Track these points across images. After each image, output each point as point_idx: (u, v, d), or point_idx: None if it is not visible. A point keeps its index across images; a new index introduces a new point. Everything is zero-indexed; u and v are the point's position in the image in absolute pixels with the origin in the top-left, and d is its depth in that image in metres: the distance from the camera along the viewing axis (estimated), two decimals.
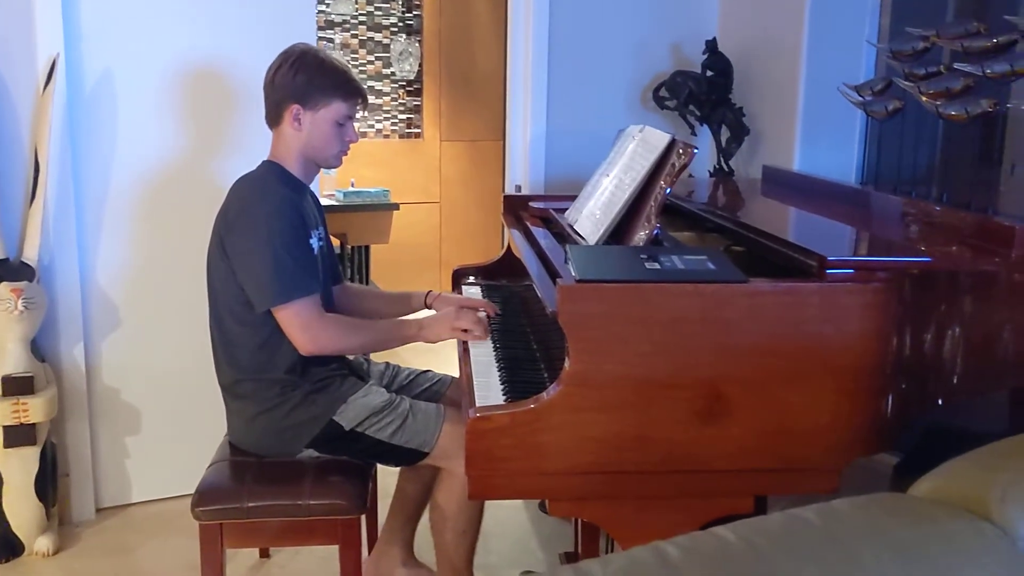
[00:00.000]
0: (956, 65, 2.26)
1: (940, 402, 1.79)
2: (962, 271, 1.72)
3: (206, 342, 2.22)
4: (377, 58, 5.80)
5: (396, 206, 4.80)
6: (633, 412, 1.59)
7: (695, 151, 1.88)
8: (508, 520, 2.98)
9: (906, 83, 2.40)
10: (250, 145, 2.89)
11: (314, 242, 2.16)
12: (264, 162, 2.20)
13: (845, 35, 3.08)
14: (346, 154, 2.22)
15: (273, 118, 2.17)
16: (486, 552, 2.72)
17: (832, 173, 3.07)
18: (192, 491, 2.08)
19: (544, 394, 1.60)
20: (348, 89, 2.15)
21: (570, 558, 2.64)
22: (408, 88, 5.89)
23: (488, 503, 2.26)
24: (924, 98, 2.30)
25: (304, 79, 2.11)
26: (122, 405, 2.97)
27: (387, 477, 2.46)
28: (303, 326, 2.06)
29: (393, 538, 2.48)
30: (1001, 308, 1.78)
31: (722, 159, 3.35)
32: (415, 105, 5.92)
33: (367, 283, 4.88)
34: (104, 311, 2.91)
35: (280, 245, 2.03)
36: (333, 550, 2.14)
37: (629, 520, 1.69)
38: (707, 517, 1.68)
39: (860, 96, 2.63)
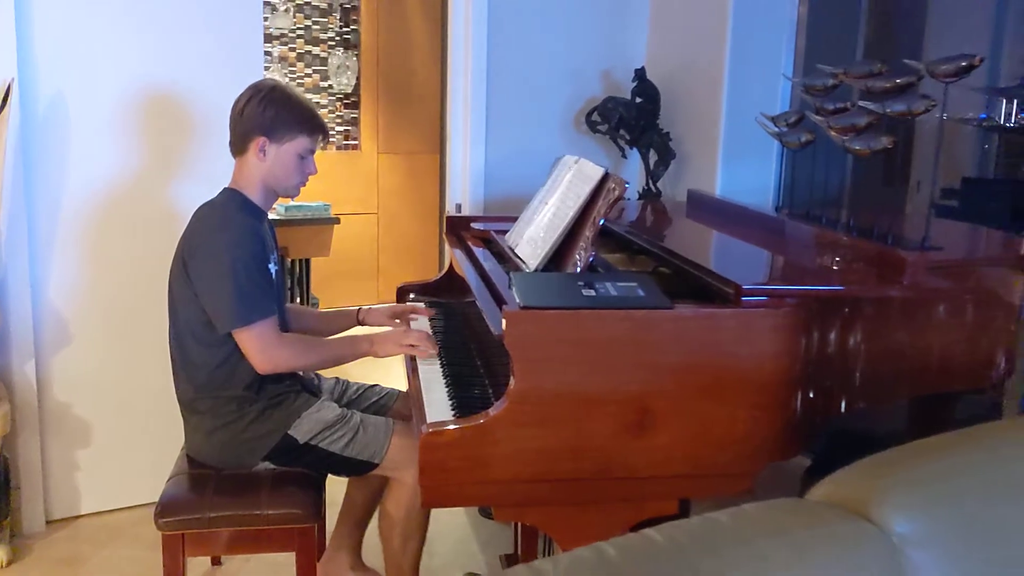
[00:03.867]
0: (861, 103, 2.47)
1: (843, 410, 2.00)
2: (861, 296, 1.93)
3: (155, 358, 2.31)
4: (315, 71, 5.90)
5: (336, 220, 4.91)
6: (571, 426, 1.74)
7: (627, 185, 2.06)
8: (450, 525, 3.13)
9: (817, 117, 2.60)
10: (201, 167, 3.01)
11: (271, 266, 2.28)
12: (226, 189, 2.30)
13: (763, 68, 3.31)
14: (304, 185, 2.34)
15: (238, 148, 2.28)
16: (429, 555, 2.85)
17: (751, 194, 3.29)
18: (140, 502, 2.18)
19: (491, 410, 1.75)
20: (313, 125, 2.27)
21: (510, 560, 2.80)
22: (346, 101, 6.00)
23: (432, 510, 2.40)
24: (833, 132, 2.50)
25: (272, 113, 2.22)
26: (72, 419, 3.03)
27: (333, 486, 2.58)
28: (262, 347, 2.17)
29: (342, 544, 2.60)
30: (896, 328, 2.00)
31: (650, 180, 3.55)
32: (352, 118, 6.03)
33: (308, 295, 4.97)
34: (56, 328, 2.97)
35: (242, 270, 2.14)
36: (283, 557, 2.26)
37: (567, 523, 1.84)
38: (637, 518, 1.85)
39: (776, 127, 2.84)
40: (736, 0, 3.30)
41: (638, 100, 3.52)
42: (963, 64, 2.18)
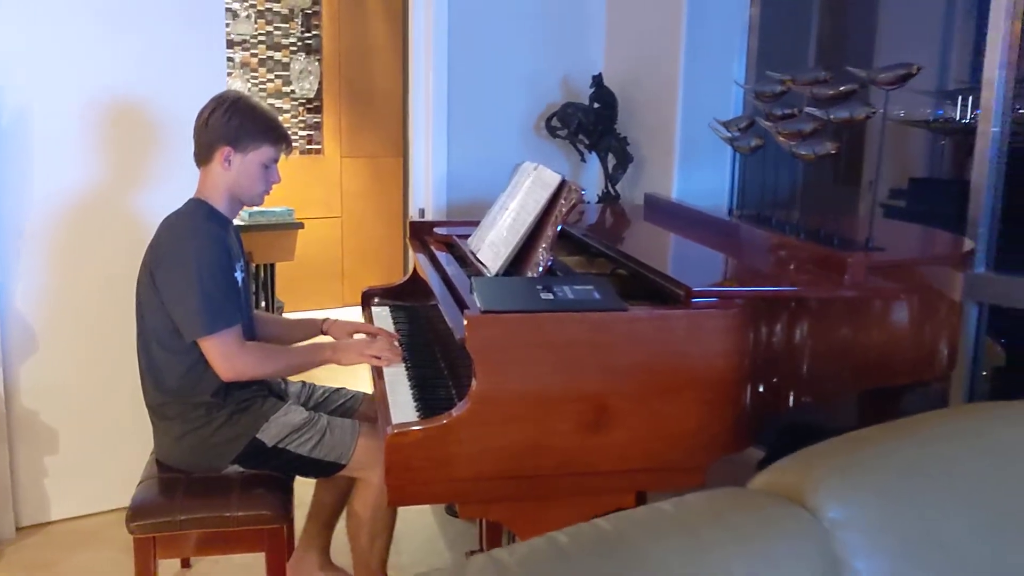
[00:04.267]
0: (807, 109, 2.57)
1: (791, 404, 2.10)
2: (806, 296, 2.02)
3: (122, 365, 2.35)
4: (277, 76, 5.93)
5: (300, 225, 4.94)
6: (531, 424, 1.82)
7: (582, 191, 2.14)
8: (417, 523, 3.19)
9: (766, 123, 2.70)
10: (165, 173, 3.05)
11: (238, 274, 2.33)
12: (191, 199, 2.35)
13: (717, 73, 3.41)
14: (268, 193, 2.39)
15: (203, 157, 2.32)
16: (397, 553, 2.91)
17: (707, 197, 3.39)
18: (110, 507, 2.22)
19: (453, 411, 1.81)
20: (277, 135, 2.33)
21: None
22: (308, 106, 6.03)
23: (399, 509, 2.46)
24: (780, 137, 2.60)
25: (237, 123, 2.27)
26: (41, 426, 3.06)
27: (301, 487, 2.63)
28: (225, 355, 2.22)
29: (311, 544, 2.66)
30: (840, 325, 2.10)
31: (609, 184, 3.64)
32: (315, 122, 6.07)
33: (273, 300, 5.00)
34: (23, 336, 2.99)
35: (208, 279, 2.19)
36: (251, 558, 2.32)
37: (529, 517, 1.92)
38: (595, 512, 1.90)
39: (728, 132, 2.94)
40: (690, 6, 3.40)
41: (596, 106, 3.60)
42: (902, 72, 2.29)
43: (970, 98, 3.84)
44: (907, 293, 2.24)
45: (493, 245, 2.32)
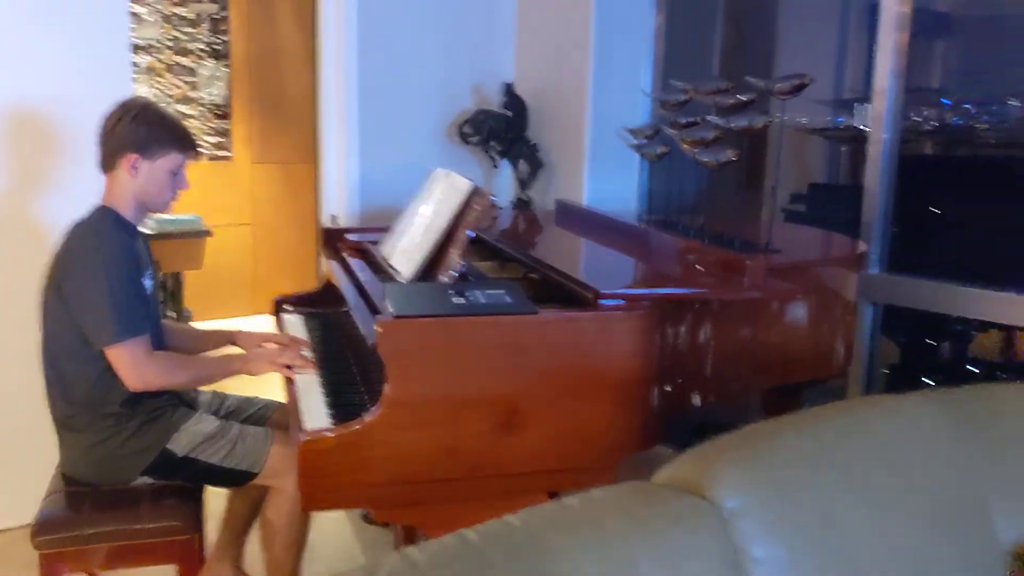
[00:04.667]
0: (709, 118, 2.66)
1: (696, 403, 2.17)
2: (707, 298, 2.10)
3: (24, 377, 2.29)
4: (184, 82, 5.82)
5: (208, 232, 4.86)
6: (444, 428, 1.85)
7: (492, 198, 2.19)
8: (332, 531, 3.18)
9: (671, 131, 2.79)
10: (68, 179, 2.98)
11: (147, 282, 2.29)
12: (98, 207, 2.30)
13: (624, 82, 3.49)
14: (176, 200, 2.37)
15: (109, 164, 2.28)
16: (311, 561, 2.88)
17: (616, 203, 3.47)
18: (13, 524, 2.16)
19: (366, 416, 1.83)
20: (185, 143, 2.31)
21: None
22: (217, 112, 5.93)
23: (314, 516, 2.46)
24: (685, 145, 2.69)
25: (145, 131, 2.24)
26: None
27: (214, 498, 2.60)
28: (132, 365, 2.18)
29: (223, 555, 2.63)
30: (741, 325, 2.19)
31: (521, 190, 3.69)
32: (224, 128, 5.97)
33: (181, 309, 4.91)
34: None
35: (117, 288, 2.15)
36: (162, 571, 2.28)
37: (443, 520, 1.92)
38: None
39: (635, 139, 3.01)
40: (598, 15, 3.47)
41: (507, 113, 3.65)
42: (796, 83, 2.40)
43: (865, 106, 4.01)
44: (804, 294, 2.34)
45: (406, 251, 2.34)
